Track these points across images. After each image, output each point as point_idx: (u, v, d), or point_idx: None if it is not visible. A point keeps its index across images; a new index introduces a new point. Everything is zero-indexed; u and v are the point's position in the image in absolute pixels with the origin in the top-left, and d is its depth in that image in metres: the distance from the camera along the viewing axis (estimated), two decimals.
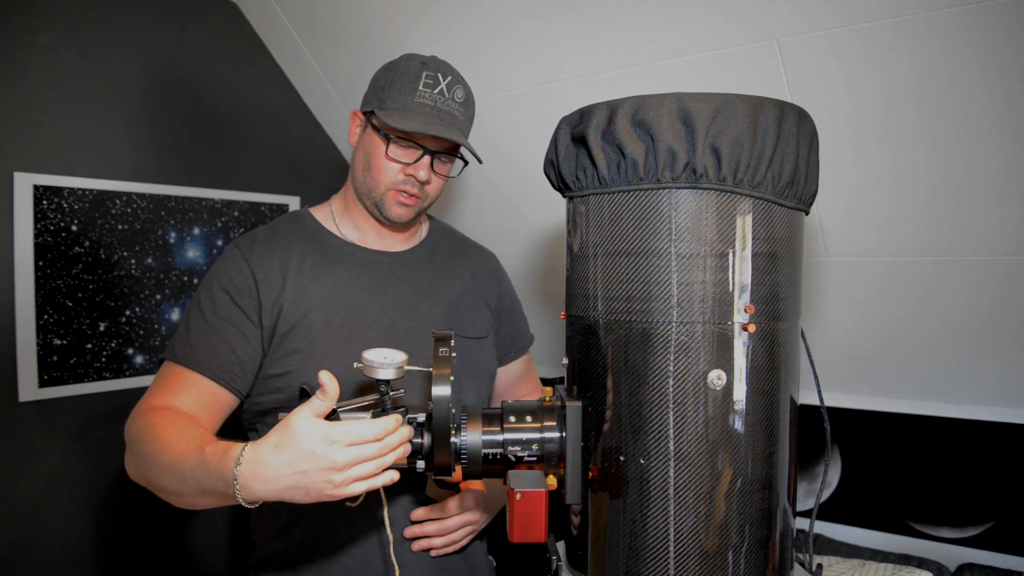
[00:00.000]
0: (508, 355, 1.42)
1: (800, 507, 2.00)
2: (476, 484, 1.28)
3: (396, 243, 1.29)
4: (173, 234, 1.98)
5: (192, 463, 0.92)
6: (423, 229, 1.37)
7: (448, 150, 1.20)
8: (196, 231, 2.03)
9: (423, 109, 1.15)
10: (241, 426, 1.27)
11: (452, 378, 0.84)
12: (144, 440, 1.03)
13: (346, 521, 1.17)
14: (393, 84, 1.18)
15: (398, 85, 1.17)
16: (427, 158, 1.18)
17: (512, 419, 0.86)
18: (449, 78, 1.19)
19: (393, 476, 0.86)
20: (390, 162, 1.18)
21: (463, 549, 1.25)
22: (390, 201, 1.20)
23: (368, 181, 1.20)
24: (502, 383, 1.43)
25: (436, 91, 1.17)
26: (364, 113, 1.23)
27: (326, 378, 0.84)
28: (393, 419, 0.83)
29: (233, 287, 1.15)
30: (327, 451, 0.80)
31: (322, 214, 1.29)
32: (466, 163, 1.28)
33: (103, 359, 1.83)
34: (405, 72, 1.18)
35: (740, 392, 0.74)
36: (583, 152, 0.79)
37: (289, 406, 1.14)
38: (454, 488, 1.26)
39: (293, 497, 0.84)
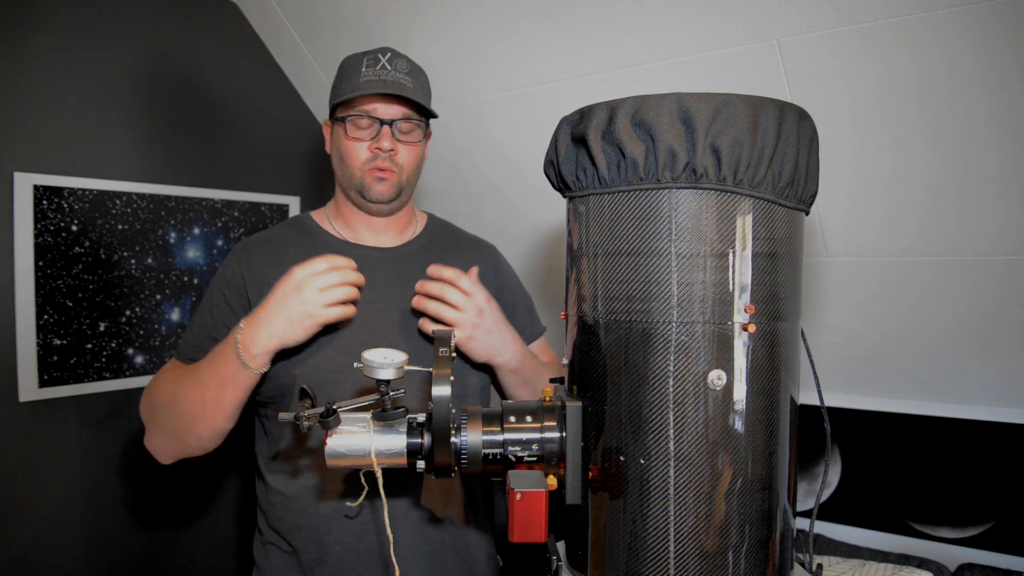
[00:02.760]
0: None
1: (800, 507, 2.00)
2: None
3: (388, 239, 1.33)
4: (173, 234, 1.98)
5: (205, 363, 1.12)
6: (418, 224, 1.39)
7: (404, 117, 1.24)
8: (196, 231, 2.03)
9: (367, 86, 1.21)
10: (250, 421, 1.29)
11: (452, 378, 0.84)
12: (155, 395, 1.20)
13: (346, 521, 1.18)
14: (340, 79, 1.26)
15: (343, 77, 1.25)
16: (385, 128, 1.22)
17: (512, 419, 0.86)
18: (389, 55, 1.24)
19: (353, 307, 1.10)
20: (353, 142, 1.23)
21: (456, 550, 1.25)
22: (369, 181, 1.25)
23: (345, 171, 1.27)
24: None
25: (378, 67, 1.22)
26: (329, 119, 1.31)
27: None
28: (344, 259, 1.10)
29: (227, 287, 1.23)
30: (292, 280, 1.06)
31: (320, 216, 1.36)
32: (426, 123, 1.30)
33: (103, 359, 1.83)
34: (348, 65, 1.26)
35: (740, 392, 0.74)
36: (583, 152, 0.79)
37: (290, 407, 1.15)
38: (449, 497, 1.26)
39: (287, 333, 1.05)
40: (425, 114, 1.28)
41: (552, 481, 0.83)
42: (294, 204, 2.28)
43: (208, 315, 1.23)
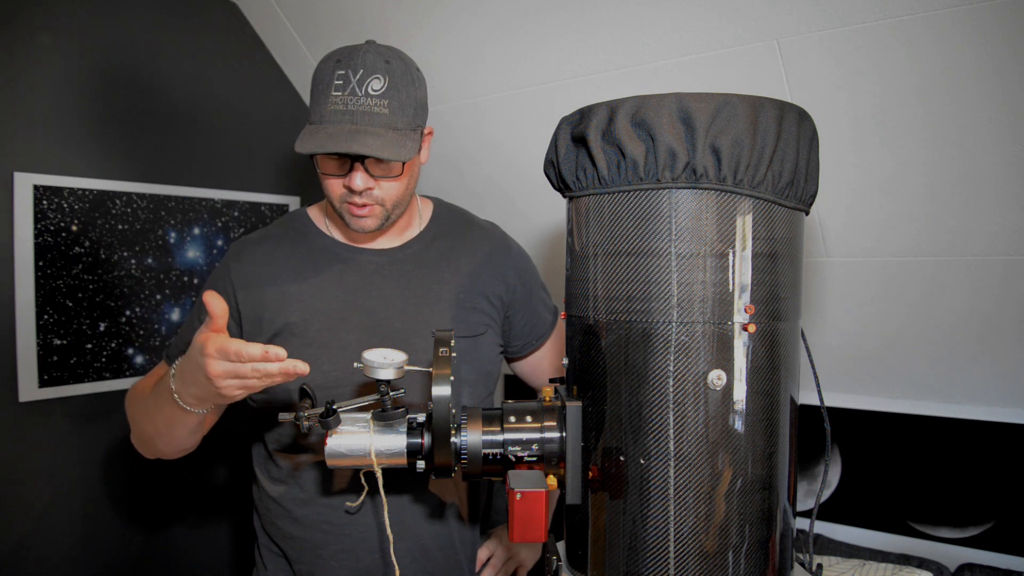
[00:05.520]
0: (532, 342, 1.35)
1: (800, 507, 2.00)
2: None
3: (388, 240, 1.25)
4: (173, 234, 1.98)
5: (153, 395, 1.09)
6: (422, 218, 1.30)
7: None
8: (196, 231, 2.03)
9: (334, 117, 1.05)
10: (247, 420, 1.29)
11: (452, 378, 0.84)
12: (131, 405, 1.23)
13: (340, 536, 1.18)
14: (312, 94, 1.09)
15: (315, 94, 1.08)
16: (357, 167, 1.08)
17: (512, 419, 0.86)
18: (361, 72, 1.05)
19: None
20: (327, 178, 1.12)
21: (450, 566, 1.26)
22: (348, 215, 1.14)
23: (326, 196, 1.17)
24: (536, 373, 1.40)
25: (347, 92, 1.05)
26: None
27: (209, 299, 0.93)
28: (260, 349, 0.87)
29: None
30: (203, 361, 0.90)
31: (316, 213, 1.29)
32: (403, 161, 1.09)
33: (103, 359, 1.83)
34: (321, 78, 1.08)
35: (740, 392, 0.74)
36: (583, 152, 0.79)
37: (290, 407, 1.15)
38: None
39: (206, 396, 0.97)
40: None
41: (552, 481, 0.83)
42: (294, 204, 2.28)
43: (196, 320, 1.21)
